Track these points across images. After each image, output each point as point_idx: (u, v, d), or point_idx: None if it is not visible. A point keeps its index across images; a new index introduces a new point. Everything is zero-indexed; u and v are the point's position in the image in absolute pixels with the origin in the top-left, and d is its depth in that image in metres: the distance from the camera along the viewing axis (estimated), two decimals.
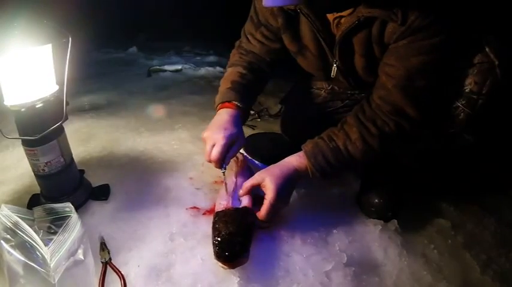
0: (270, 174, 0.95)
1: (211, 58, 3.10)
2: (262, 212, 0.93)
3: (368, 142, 0.94)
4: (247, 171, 1.13)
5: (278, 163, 1.00)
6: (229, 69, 1.19)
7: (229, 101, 1.09)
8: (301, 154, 1.00)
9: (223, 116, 1.06)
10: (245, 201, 0.97)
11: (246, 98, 1.11)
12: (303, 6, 0.94)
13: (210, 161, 1.01)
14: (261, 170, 0.99)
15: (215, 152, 0.98)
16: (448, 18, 0.83)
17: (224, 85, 1.14)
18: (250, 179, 0.99)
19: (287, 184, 0.96)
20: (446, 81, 0.94)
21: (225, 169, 1.01)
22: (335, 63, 1.05)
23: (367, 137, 0.94)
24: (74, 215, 0.83)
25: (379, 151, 0.96)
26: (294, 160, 0.99)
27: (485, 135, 1.08)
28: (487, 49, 0.91)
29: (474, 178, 1.31)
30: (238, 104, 1.09)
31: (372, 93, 0.96)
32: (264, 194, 0.95)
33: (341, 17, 0.94)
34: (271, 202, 0.92)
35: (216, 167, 1.01)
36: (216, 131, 1.01)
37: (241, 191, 0.99)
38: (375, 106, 0.95)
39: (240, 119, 1.08)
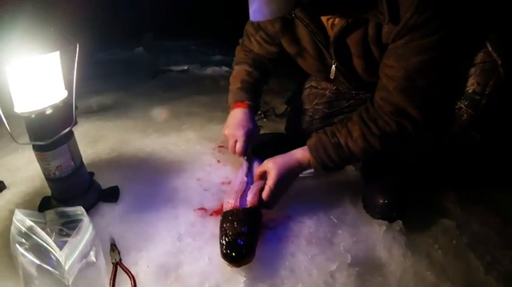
0: (274, 162, 1.03)
1: (217, 57, 3.10)
2: (263, 196, 1.00)
3: (369, 141, 0.96)
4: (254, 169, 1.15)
5: (284, 154, 1.06)
6: (236, 67, 1.30)
7: (241, 101, 1.21)
8: (305, 147, 1.05)
9: (239, 115, 1.19)
10: (257, 185, 1.03)
11: (255, 95, 1.24)
12: (297, 10, 0.96)
13: (234, 153, 1.16)
14: (268, 159, 1.06)
15: (239, 147, 1.14)
16: (447, 15, 0.80)
17: (234, 85, 1.25)
18: (259, 166, 1.08)
19: (287, 173, 1.03)
20: (448, 79, 0.92)
21: (247, 155, 1.17)
22: (334, 65, 1.07)
23: (368, 135, 0.96)
24: (86, 219, 0.86)
25: (381, 150, 0.98)
26: (298, 153, 1.05)
27: (492, 132, 1.07)
28: (489, 48, 0.88)
29: (480, 176, 1.30)
30: (250, 103, 1.21)
31: (375, 94, 0.97)
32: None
33: (334, 18, 0.95)
34: (270, 187, 1.00)
35: (240, 156, 1.17)
36: (236, 129, 1.16)
37: (255, 177, 1.09)
38: (377, 106, 0.96)
39: (253, 115, 1.21)
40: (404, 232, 1.04)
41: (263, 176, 1.06)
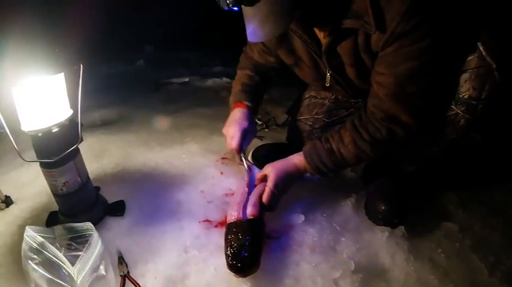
0: (273, 166, 1.09)
1: (218, 69, 3.11)
2: (264, 197, 1.03)
3: (360, 146, 0.98)
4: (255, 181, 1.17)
5: (283, 159, 1.12)
6: (239, 72, 1.38)
7: (240, 102, 1.28)
8: (301, 152, 1.09)
9: (237, 114, 1.26)
10: (257, 190, 1.07)
11: (254, 97, 1.31)
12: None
13: (231, 150, 1.23)
14: (268, 164, 1.11)
15: (234, 143, 1.20)
16: (434, 21, 0.80)
17: (236, 87, 1.33)
18: (260, 171, 1.13)
19: (285, 176, 1.07)
20: (440, 84, 0.92)
21: (243, 152, 1.23)
22: (328, 73, 1.10)
23: (358, 141, 0.98)
24: (95, 234, 0.88)
25: (373, 155, 1.00)
26: (295, 158, 1.10)
27: (493, 133, 1.07)
28: (483, 52, 0.88)
29: (482, 177, 1.31)
30: (248, 104, 1.28)
31: (367, 102, 0.99)
32: None
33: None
34: (270, 189, 1.04)
35: (236, 153, 1.23)
36: (232, 126, 1.23)
37: (256, 181, 1.13)
38: (369, 113, 0.97)
39: (250, 115, 1.27)
40: (406, 237, 1.05)
41: (264, 179, 1.09)
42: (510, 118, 1.09)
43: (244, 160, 1.24)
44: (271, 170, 1.07)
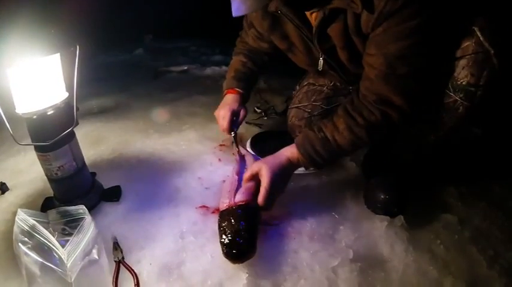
0: (265, 163, 1.01)
1: (217, 57, 3.09)
2: (260, 198, 0.97)
3: (355, 132, 0.95)
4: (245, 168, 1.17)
5: (274, 153, 1.06)
6: (234, 58, 1.41)
7: (232, 88, 1.33)
8: (294, 145, 1.04)
9: (228, 99, 1.33)
10: (249, 186, 1.02)
11: (245, 83, 1.35)
12: (281, 6, 0.98)
13: (223, 130, 1.29)
14: (258, 160, 1.07)
15: (224, 123, 1.27)
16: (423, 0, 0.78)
17: (229, 73, 1.38)
18: (249, 169, 1.06)
19: (280, 172, 1.01)
20: (432, 66, 0.90)
21: (234, 132, 1.30)
22: (321, 57, 1.09)
23: (353, 127, 0.95)
24: (88, 217, 0.87)
25: (368, 141, 0.97)
26: (287, 151, 1.05)
27: (493, 127, 1.05)
28: (480, 38, 0.86)
29: (481, 170, 1.30)
30: (239, 90, 1.33)
31: (359, 85, 0.97)
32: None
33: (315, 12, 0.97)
34: (266, 188, 0.97)
35: (227, 133, 1.30)
36: (223, 108, 1.29)
37: (243, 182, 1.06)
38: (361, 97, 0.96)
39: (240, 99, 1.33)
40: (406, 227, 1.04)
41: (255, 178, 1.03)
42: (509, 110, 1.07)
43: (235, 142, 1.29)
44: (264, 167, 0.99)
